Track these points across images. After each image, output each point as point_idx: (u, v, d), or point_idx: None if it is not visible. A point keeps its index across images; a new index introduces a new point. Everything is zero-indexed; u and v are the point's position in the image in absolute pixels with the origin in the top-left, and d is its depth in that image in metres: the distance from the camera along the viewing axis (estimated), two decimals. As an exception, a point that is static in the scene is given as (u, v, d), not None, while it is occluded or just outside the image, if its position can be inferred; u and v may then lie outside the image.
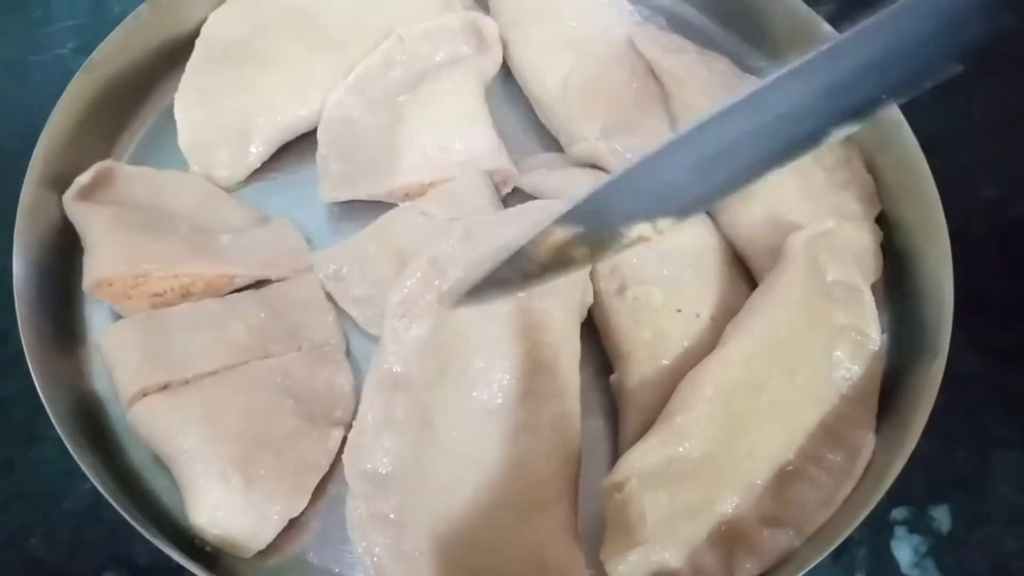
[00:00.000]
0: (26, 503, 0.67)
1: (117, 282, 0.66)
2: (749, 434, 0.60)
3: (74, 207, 0.69)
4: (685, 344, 0.65)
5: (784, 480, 0.61)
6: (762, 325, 0.62)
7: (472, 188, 0.72)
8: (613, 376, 0.67)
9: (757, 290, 0.66)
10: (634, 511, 0.57)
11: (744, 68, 0.81)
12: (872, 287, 0.68)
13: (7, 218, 0.66)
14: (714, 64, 0.79)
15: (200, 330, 0.66)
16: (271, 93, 0.77)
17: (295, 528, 0.62)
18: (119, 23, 0.76)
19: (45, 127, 0.70)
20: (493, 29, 0.79)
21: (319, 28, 0.79)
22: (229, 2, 0.80)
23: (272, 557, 0.62)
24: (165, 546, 0.57)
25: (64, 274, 0.70)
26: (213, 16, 0.79)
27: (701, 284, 0.69)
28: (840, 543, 0.57)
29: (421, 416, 0.62)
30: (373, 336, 0.68)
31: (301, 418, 0.64)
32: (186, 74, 0.77)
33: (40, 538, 0.66)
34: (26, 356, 0.63)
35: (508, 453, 0.60)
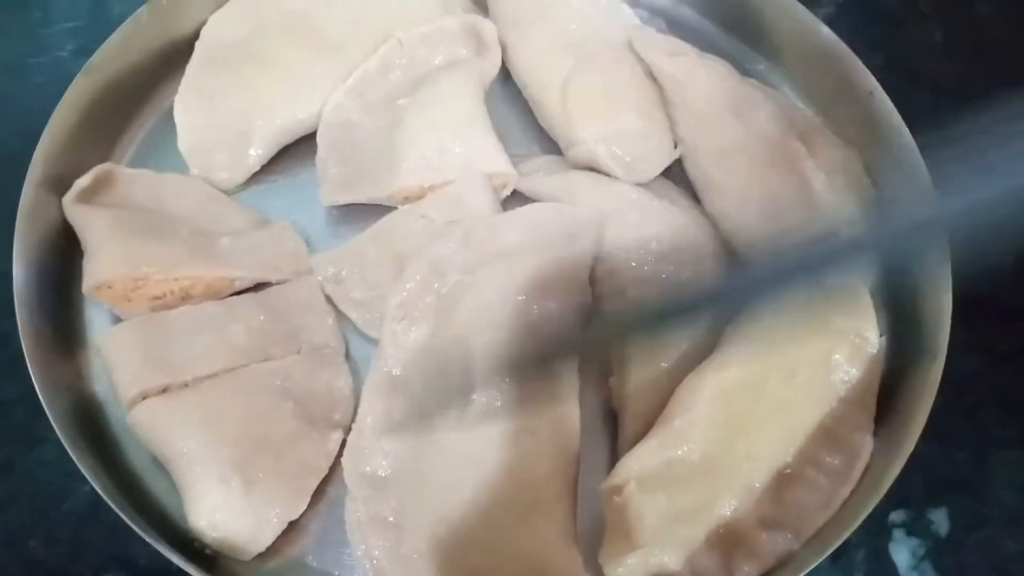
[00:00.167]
0: (26, 504, 0.67)
1: (117, 285, 0.66)
2: (748, 437, 0.60)
3: (74, 210, 0.69)
4: (684, 347, 0.66)
5: (783, 483, 0.61)
6: (760, 328, 0.62)
7: (471, 191, 0.72)
8: (612, 379, 0.67)
9: (756, 292, 0.66)
10: (633, 514, 0.57)
11: (743, 71, 0.81)
12: (870, 289, 0.68)
13: (7, 221, 0.66)
14: (713, 67, 0.78)
15: (200, 333, 0.66)
16: (271, 96, 0.76)
17: (294, 531, 0.62)
18: (119, 25, 0.76)
19: (45, 129, 0.70)
20: (492, 32, 0.79)
21: (318, 31, 0.79)
22: (229, 5, 0.80)
23: (271, 560, 0.62)
24: (164, 548, 0.57)
25: (64, 277, 0.70)
26: (213, 19, 0.79)
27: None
28: (838, 546, 0.57)
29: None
30: (373, 339, 0.69)
31: (300, 421, 0.64)
32: (186, 77, 0.77)
33: (40, 539, 0.66)
34: (26, 358, 0.63)
35: (507, 456, 0.60)
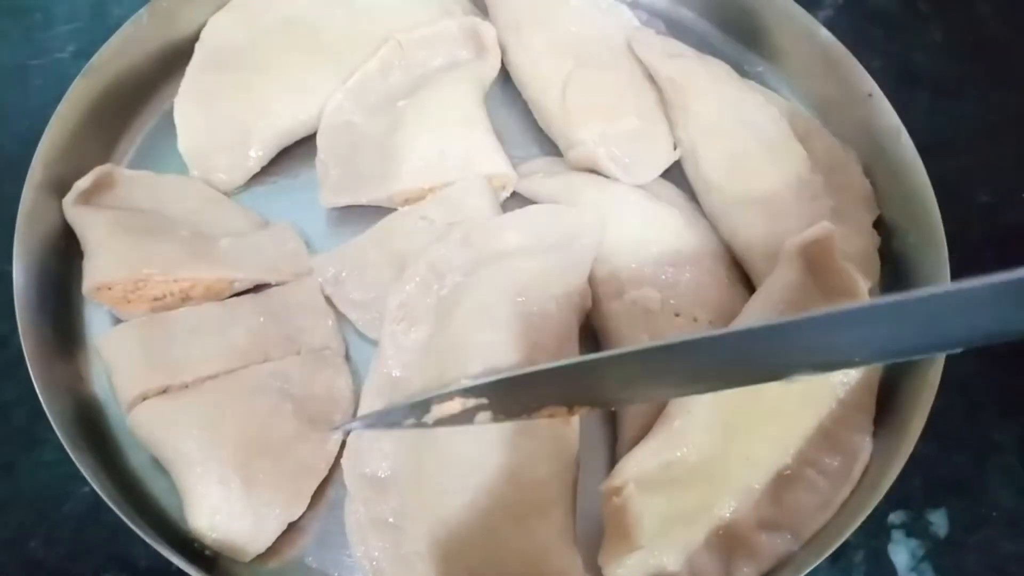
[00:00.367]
0: (26, 505, 0.67)
1: (117, 286, 0.67)
2: (747, 439, 0.60)
3: (74, 211, 0.69)
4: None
5: (782, 484, 0.61)
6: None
7: (471, 192, 0.72)
8: (612, 380, 0.67)
9: (755, 294, 0.67)
10: (632, 515, 0.57)
11: (742, 73, 0.81)
12: (869, 291, 0.68)
13: (7, 222, 0.67)
14: (712, 69, 0.79)
15: (200, 334, 0.66)
16: (270, 98, 0.77)
17: (294, 532, 0.63)
18: (119, 27, 0.76)
19: (45, 131, 0.70)
20: (491, 34, 0.79)
21: (318, 33, 0.79)
22: (229, 7, 0.80)
23: (271, 561, 0.62)
24: (164, 549, 0.57)
25: (64, 278, 0.70)
26: (213, 21, 0.79)
27: (699, 288, 0.69)
28: (838, 547, 0.57)
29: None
30: (372, 340, 0.69)
31: (300, 422, 0.64)
32: (186, 79, 0.77)
33: (40, 540, 0.66)
34: (26, 360, 0.63)
35: (507, 457, 0.60)
